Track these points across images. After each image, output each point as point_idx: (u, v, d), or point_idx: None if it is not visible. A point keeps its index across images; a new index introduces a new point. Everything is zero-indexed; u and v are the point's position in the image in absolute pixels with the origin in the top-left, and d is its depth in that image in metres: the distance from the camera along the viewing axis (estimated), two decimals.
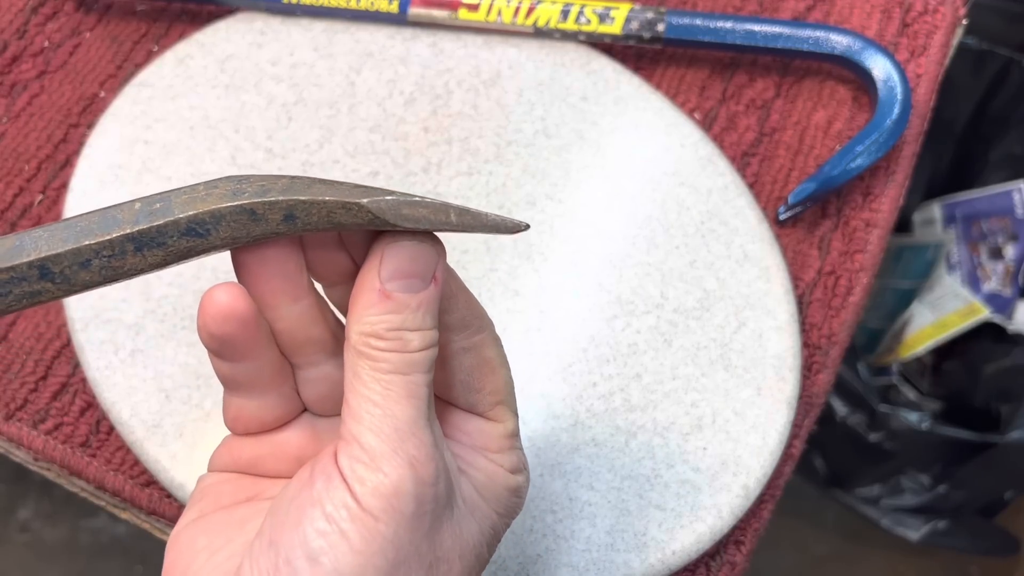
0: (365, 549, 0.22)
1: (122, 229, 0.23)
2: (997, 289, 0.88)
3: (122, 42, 0.47)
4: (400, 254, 0.24)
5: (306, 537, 0.22)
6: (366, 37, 0.46)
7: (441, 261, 0.25)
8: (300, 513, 0.23)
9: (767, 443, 0.39)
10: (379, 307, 0.24)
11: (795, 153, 0.46)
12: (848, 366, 0.82)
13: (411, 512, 0.23)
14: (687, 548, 0.37)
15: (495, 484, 0.27)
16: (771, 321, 0.41)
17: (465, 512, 0.25)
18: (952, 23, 0.48)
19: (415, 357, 0.24)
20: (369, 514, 0.22)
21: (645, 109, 0.45)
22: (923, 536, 0.88)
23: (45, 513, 0.97)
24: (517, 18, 0.45)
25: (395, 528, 0.23)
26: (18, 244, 0.23)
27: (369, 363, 0.24)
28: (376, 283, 0.24)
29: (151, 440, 0.38)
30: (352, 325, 0.24)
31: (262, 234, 0.23)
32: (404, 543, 0.23)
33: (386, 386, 0.23)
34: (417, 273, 0.24)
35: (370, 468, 0.23)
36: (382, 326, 0.24)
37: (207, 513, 0.26)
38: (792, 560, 0.97)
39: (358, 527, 0.22)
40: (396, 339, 0.24)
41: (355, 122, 0.44)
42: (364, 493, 0.23)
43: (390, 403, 0.23)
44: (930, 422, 0.82)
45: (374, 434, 0.23)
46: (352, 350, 0.24)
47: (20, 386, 0.40)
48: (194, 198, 0.23)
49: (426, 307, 0.24)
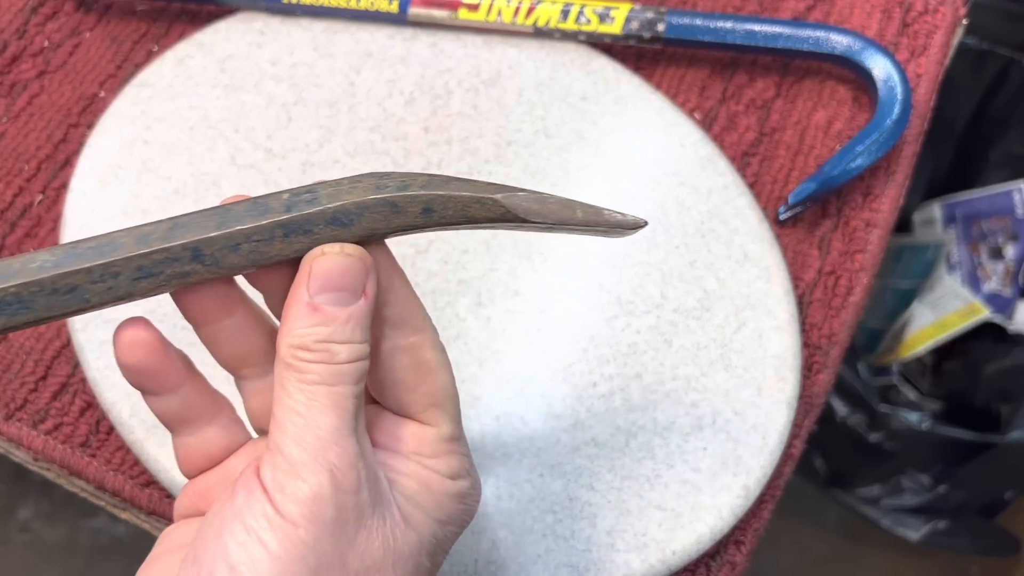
0: (284, 556, 0.22)
1: (273, 216, 0.24)
2: (997, 289, 0.88)
3: (122, 42, 0.47)
4: (329, 268, 0.24)
5: (226, 548, 0.22)
6: (366, 37, 0.46)
7: (371, 276, 0.25)
8: (221, 526, 0.23)
9: (767, 443, 0.39)
10: (307, 320, 0.24)
11: (795, 153, 0.46)
12: (848, 366, 0.82)
13: (331, 518, 0.23)
14: (687, 548, 0.37)
15: (432, 491, 0.26)
16: (771, 321, 0.41)
17: (399, 521, 0.25)
18: (952, 23, 0.48)
19: (342, 368, 0.24)
20: (288, 521, 0.22)
21: (645, 109, 0.45)
22: (923, 536, 0.87)
23: (45, 513, 0.97)
24: (517, 18, 0.45)
25: (315, 535, 0.23)
26: (173, 226, 0.24)
27: (295, 375, 0.24)
28: (305, 296, 0.24)
29: (151, 440, 0.37)
30: (282, 338, 0.24)
31: (400, 226, 0.25)
32: (325, 550, 0.23)
33: (310, 396, 0.24)
34: (346, 287, 0.24)
35: (290, 476, 0.23)
36: (310, 338, 0.24)
37: (158, 555, 0.26)
38: (792, 560, 0.97)
39: (277, 535, 0.22)
40: (323, 351, 0.24)
41: (355, 122, 0.44)
42: (283, 501, 0.23)
43: (313, 413, 0.23)
44: (930, 422, 0.82)
45: (296, 443, 0.23)
46: (281, 363, 0.24)
47: (20, 386, 0.40)
48: (339, 190, 0.24)
49: (355, 321, 0.24)
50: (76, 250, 0.24)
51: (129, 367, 0.26)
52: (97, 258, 0.23)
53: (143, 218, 0.41)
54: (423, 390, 0.27)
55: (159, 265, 0.24)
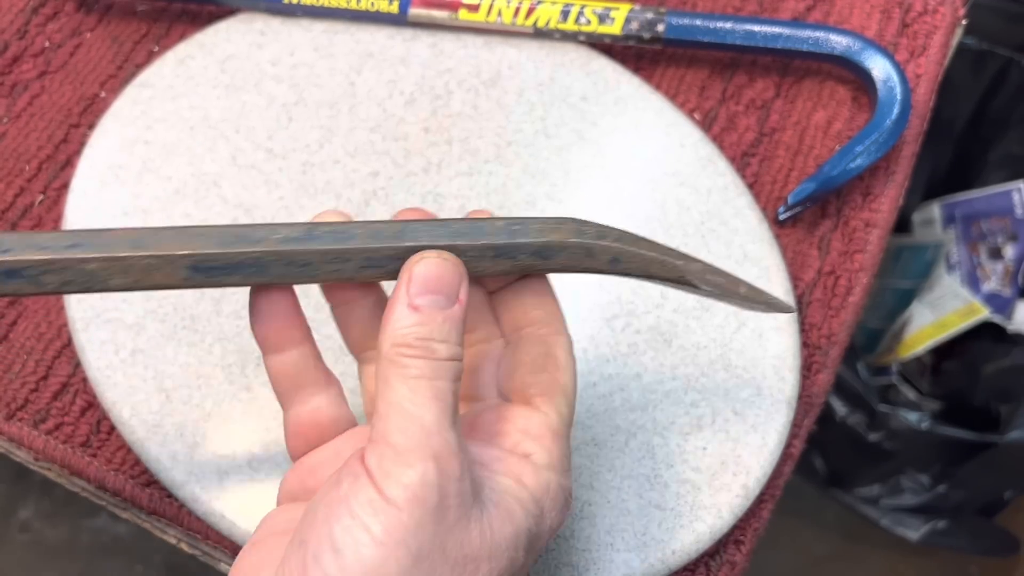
0: (387, 540, 0.23)
1: (489, 239, 0.27)
2: (997, 289, 0.88)
3: (123, 42, 0.47)
4: (428, 272, 0.26)
5: (331, 532, 0.23)
6: (366, 37, 0.46)
7: (464, 283, 0.27)
8: (327, 511, 0.24)
9: (767, 443, 0.39)
10: (409, 319, 0.26)
11: (795, 153, 0.46)
12: (848, 366, 0.83)
13: (435, 504, 0.24)
14: (687, 548, 0.37)
15: (528, 486, 0.27)
16: (771, 321, 0.41)
17: (496, 514, 0.25)
18: (952, 23, 0.48)
19: (442, 365, 0.25)
20: (392, 506, 0.23)
21: (645, 109, 0.45)
22: (923, 536, 0.88)
23: (46, 513, 0.97)
24: (517, 18, 0.45)
25: (418, 519, 0.23)
26: (403, 230, 0.27)
27: (398, 370, 0.25)
28: (406, 298, 0.26)
29: (152, 440, 0.38)
30: (384, 338, 0.26)
31: (587, 268, 0.28)
32: (427, 536, 0.23)
33: (413, 390, 0.25)
34: (442, 291, 0.26)
35: (395, 463, 0.24)
36: (411, 336, 0.25)
37: (261, 538, 0.27)
38: (792, 560, 0.97)
39: (381, 519, 0.23)
40: (423, 348, 0.25)
41: (355, 122, 0.44)
42: (388, 486, 0.23)
43: (416, 406, 0.25)
44: (930, 422, 0.82)
45: (400, 433, 0.24)
46: (384, 360, 0.26)
47: (21, 386, 0.40)
48: (546, 228, 0.28)
49: (452, 323, 0.26)
50: (314, 232, 0.27)
51: (267, 312, 0.28)
52: (334, 243, 0.27)
53: (144, 218, 0.41)
54: (546, 377, 0.29)
55: (384, 260, 0.27)
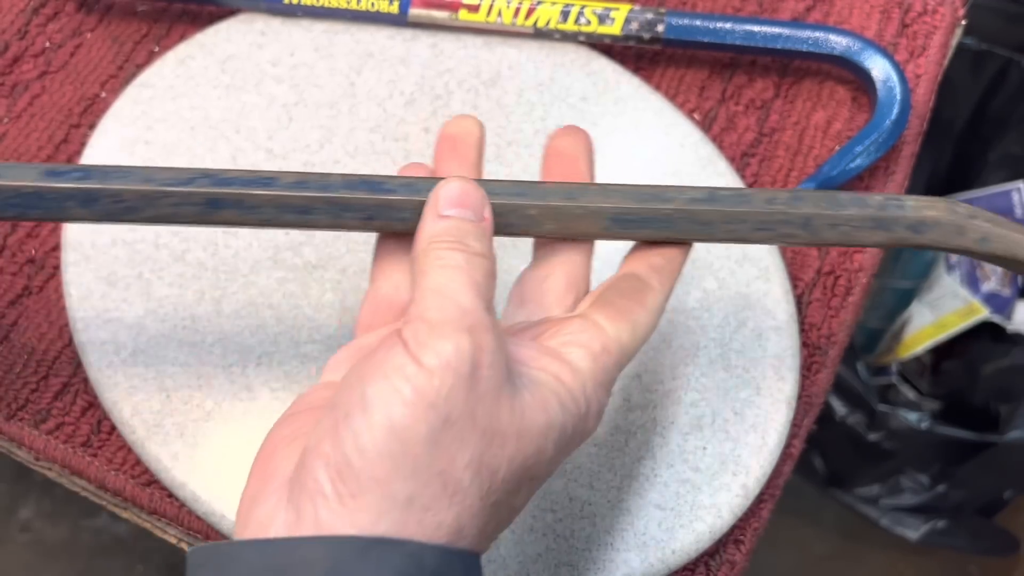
0: (418, 402, 0.23)
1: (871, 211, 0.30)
2: (996, 289, 0.88)
3: (123, 43, 0.47)
4: (453, 189, 0.28)
5: (363, 392, 0.24)
6: (366, 38, 0.46)
7: (488, 205, 0.28)
8: (361, 377, 0.24)
9: (766, 442, 0.39)
10: (441, 223, 0.27)
11: (794, 153, 0.46)
12: (847, 366, 0.83)
13: (467, 373, 0.24)
14: (687, 547, 0.37)
15: (566, 382, 0.27)
16: (770, 321, 0.41)
17: (530, 400, 0.26)
18: (951, 23, 0.48)
19: (475, 258, 0.27)
20: (425, 370, 0.24)
21: (645, 110, 0.45)
22: (922, 536, 0.88)
23: (46, 513, 0.97)
24: (517, 19, 0.45)
25: (450, 385, 0.24)
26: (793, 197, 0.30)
27: (434, 260, 0.26)
28: (435, 211, 0.28)
29: (152, 440, 0.38)
30: (418, 241, 0.27)
31: (956, 247, 0.30)
32: (458, 403, 0.24)
33: (449, 276, 0.26)
34: (469, 204, 0.28)
35: (431, 334, 0.24)
36: (446, 235, 0.27)
37: (294, 413, 0.28)
38: (792, 560, 0.97)
39: (413, 383, 0.24)
40: (458, 242, 0.27)
41: (355, 123, 0.44)
42: (423, 354, 0.24)
43: (453, 291, 0.25)
44: (929, 422, 0.82)
45: (437, 310, 0.25)
46: (419, 256, 0.27)
47: (22, 386, 0.40)
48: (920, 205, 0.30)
49: (481, 232, 0.28)
50: (716, 195, 0.30)
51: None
52: (734, 206, 0.30)
53: None
54: (624, 303, 0.29)
55: (777, 225, 0.30)
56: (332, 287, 0.41)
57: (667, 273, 0.31)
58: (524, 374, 0.26)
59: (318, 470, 0.24)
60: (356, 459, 0.23)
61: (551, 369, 0.27)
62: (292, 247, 0.41)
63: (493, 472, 0.25)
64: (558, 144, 0.33)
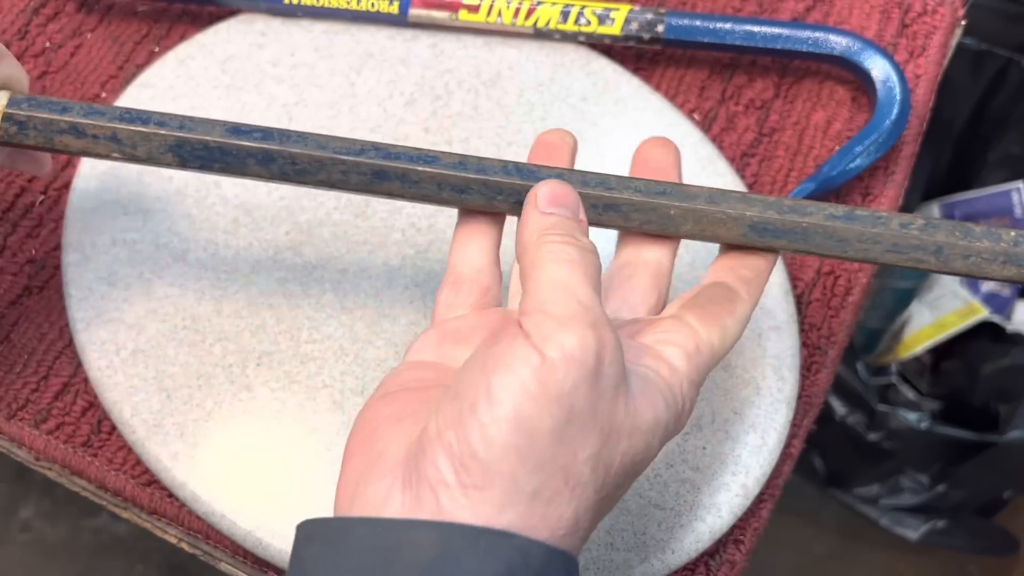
0: (543, 395, 0.24)
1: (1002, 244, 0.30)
2: (996, 289, 0.88)
3: (123, 43, 0.47)
4: (551, 189, 0.29)
5: (489, 386, 0.24)
6: (367, 38, 0.46)
7: (582, 207, 0.29)
8: (484, 367, 0.25)
9: (766, 442, 0.39)
10: (545, 219, 0.28)
11: (794, 153, 0.46)
12: (847, 366, 0.83)
13: (591, 368, 0.24)
14: (686, 547, 0.37)
15: (667, 379, 0.27)
16: (770, 321, 0.41)
17: (641, 398, 0.26)
18: (951, 24, 0.48)
19: (589, 256, 0.27)
20: (550, 365, 0.24)
21: (644, 110, 0.45)
22: (922, 535, 0.88)
23: (46, 512, 0.97)
24: (517, 19, 0.45)
25: (574, 381, 0.24)
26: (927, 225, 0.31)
27: (550, 253, 0.26)
28: (537, 209, 0.28)
29: (152, 440, 0.38)
30: (527, 232, 0.28)
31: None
32: (580, 396, 0.24)
33: (570, 270, 0.26)
34: (566, 203, 0.28)
35: (556, 328, 0.24)
36: (556, 228, 0.27)
37: (390, 392, 0.28)
38: (792, 559, 0.97)
39: (538, 376, 0.24)
40: (567, 234, 0.27)
41: (356, 123, 0.44)
42: (548, 347, 0.24)
43: (574, 284, 0.26)
44: (929, 422, 0.82)
45: (558, 303, 0.25)
46: (531, 248, 0.27)
47: (22, 386, 0.40)
48: None
49: (584, 229, 0.28)
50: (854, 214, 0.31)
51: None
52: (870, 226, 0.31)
53: (145, 219, 0.41)
54: (715, 309, 0.30)
55: (910, 249, 0.30)
56: (332, 287, 0.41)
57: (755, 285, 0.32)
58: (633, 371, 0.27)
59: (439, 459, 0.24)
60: (483, 451, 0.24)
61: (654, 366, 0.28)
62: (292, 247, 0.41)
63: (608, 467, 0.25)
64: (648, 155, 0.34)
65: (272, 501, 0.37)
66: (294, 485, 0.37)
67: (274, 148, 0.31)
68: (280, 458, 0.38)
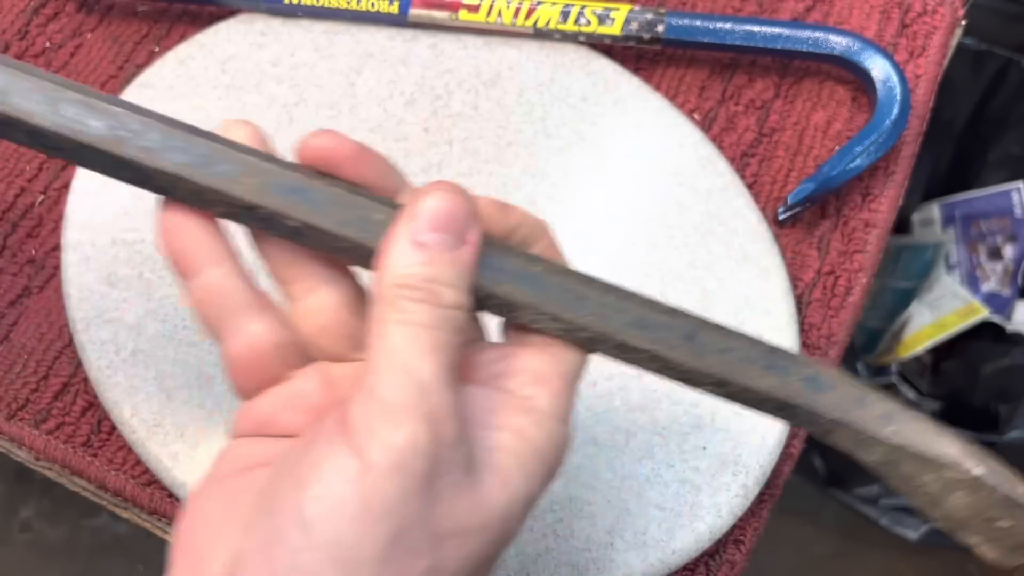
0: (365, 515, 0.20)
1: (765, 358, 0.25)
2: (996, 289, 0.88)
3: (123, 43, 0.47)
4: (438, 208, 0.23)
5: (300, 503, 0.21)
6: (367, 38, 0.46)
7: (476, 224, 0.24)
8: (296, 479, 0.21)
9: (766, 442, 0.39)
10: (413, 257, 0.23)
11: (794, 153, 0.46)
12: (847, 366, 0.83)
13: (423, 473, 0.21)
14: (687, 547, 0.37)
15: (531, 440, 0.24)
16: (770, 321, 0.41)
17: (491, 482, 0.23)
18: (951, 24, 0.48)
19: (446, 313, 0.23)
20: (375, 473, 0.21)
21: (645, 110, 0.45)
22: (922, 535, 0.88)
23: (46, 512, 0.97)
24: (517, 19, 0.45)
25: (403, 490, 0.21)
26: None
27: (397, 314, 0.22)
28: (410, 234, 0.23)
29: (152, 439, 0.38)
30: (383, 276, 0.23)
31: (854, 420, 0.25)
32: (411, 509, 0.21)
33: (412, 339, 0.22)
34: (452, 228, 0.23)
35: (384, 421, 0.21)
36: (416, 276, 0.23)
37: (221, 476, 0.25)
38: (792, 559, 0.97)
39: (360, 489, 0.20)
40: (428, 290, 0.23)
41: (356, 123, 0.44)
42: (372, 448, 0.21)
43: (414, 357, 0.22)
44: None
45: (392, 387, 0.21)
46: (380, 300, 0.23)
47: (22, 386, 0.40)
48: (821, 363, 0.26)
49: (461, 266, 0.23)
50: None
51: (178, 226, 0.25)
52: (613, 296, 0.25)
53: (145, 219, 0.41)
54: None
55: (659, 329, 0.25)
56: None
57: None
58: (483, 440, 0.23)
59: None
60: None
61: (514, 424, 0.24)
62: None
63: (453, 573, 0.22)
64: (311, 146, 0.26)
65: None
66: None
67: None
68: None
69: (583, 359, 0.26)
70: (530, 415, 0.24)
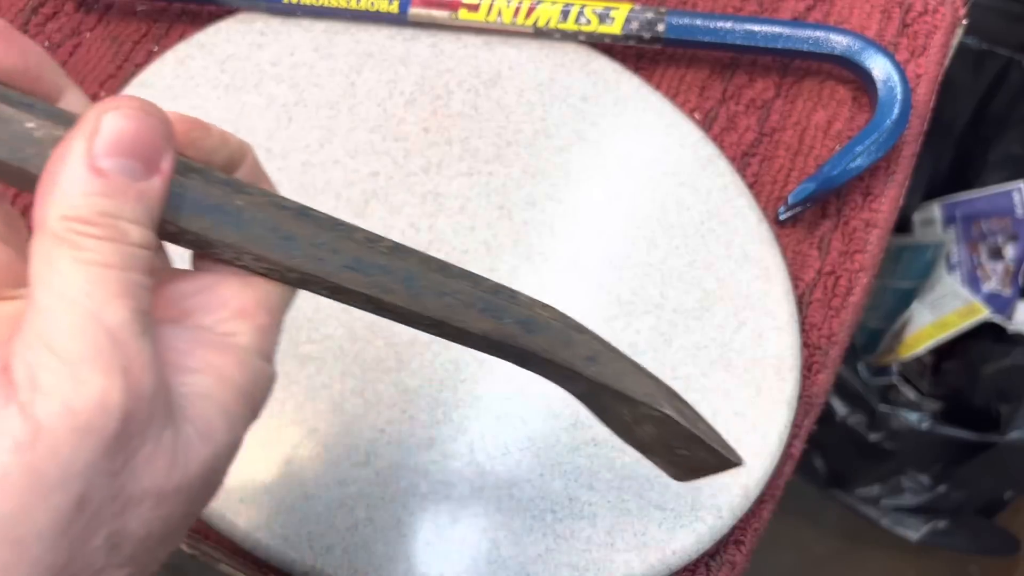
0: (38, 487, 0.17)
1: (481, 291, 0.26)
2: (997, 289, 0.88)
3: (122, 42, 0.47)
4: (120, 128, 0.19)
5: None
6: (366, 37, 0.46)
7: (170, 152, 0.20)
8: None
9: (767, 443, 0.39)
10: (89, 186, 0.19)
11: (795, 153, 0.46)
12: (848, 366, 0.83)
13: (113, 433, 0.18)
14: (687, 548, 0.37)
15: (234, 379, 0.21)
16: (771, 321, 0.41)
17: (192, 433, 0.20)
18: (952, 23, 0.48)
19: (134, 252, 0.19)
20: (51, 438, 0.17)
21: (645, 109, 0.45)
22: (923, 536, 0.88)
23: None
24: (517, 18, 0.45)
25: (88, 455, 0.17)
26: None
27: (72, 251, 0.18)
28: (86, 156, 0.19)
29: None
30: (49, 204, 0.19)
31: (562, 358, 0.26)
32: (96, 475, 0.18)
33: (95, 281, 0.18)
34: (140, 154, 0.19)
35: (66, 377, 0.17)
36: (93, 210, 0.19)
37: None
38: (792, 560, 0.97)
39: (30, 458, 0.17)
40: (110, 227, 0.19)
41: (355, 122, 0.44)
42: (49, 409, 0.17)
43: (99, 302, 0.18)
44: (930, 422, 0.82)
45: (74, 336, 0.18)
46: (47, 235, 0.19)
47: None
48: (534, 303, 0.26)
49: (148, 200, 0.19)
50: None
51: None
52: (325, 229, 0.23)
53: None
54: None
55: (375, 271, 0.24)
56: None
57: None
58: (181, 385, 0.20)
59: None
60: None
61: (215, 364, 0.21)
62: None
63: (144, 538, 0.19)
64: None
65: (271, 501, 0.37)
66: (293, 485, 0.37)
67: None
68: (279, 458, 0.38)
69: (292, 292, 0.23)
70: (231, 354, 0.21)
